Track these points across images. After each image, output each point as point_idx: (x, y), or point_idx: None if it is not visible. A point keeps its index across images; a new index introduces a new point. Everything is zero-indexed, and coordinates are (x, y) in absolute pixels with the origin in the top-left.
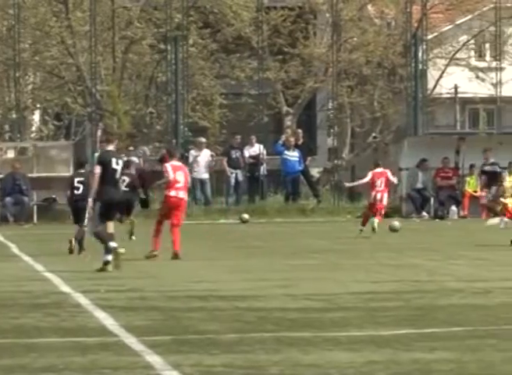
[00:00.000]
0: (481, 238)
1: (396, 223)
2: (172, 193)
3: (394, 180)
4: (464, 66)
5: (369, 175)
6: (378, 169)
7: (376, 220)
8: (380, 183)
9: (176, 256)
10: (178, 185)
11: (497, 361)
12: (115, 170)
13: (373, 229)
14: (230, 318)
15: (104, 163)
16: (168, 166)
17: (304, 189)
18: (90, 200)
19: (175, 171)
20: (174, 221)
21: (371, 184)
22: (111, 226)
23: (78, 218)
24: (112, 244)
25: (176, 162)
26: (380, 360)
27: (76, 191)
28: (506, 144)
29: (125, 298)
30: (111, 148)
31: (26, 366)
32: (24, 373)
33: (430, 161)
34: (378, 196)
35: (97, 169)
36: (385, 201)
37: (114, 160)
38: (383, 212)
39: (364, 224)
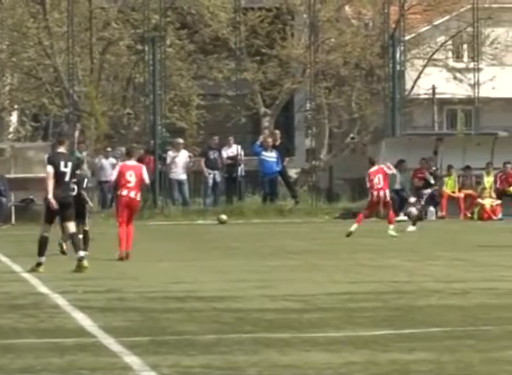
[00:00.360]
0: (460, 239)
1: None
2: (124, 192)
3: (391, 171)
4: (441, 66)
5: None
6: (374, 168)
7: (391, 227)
8: (379, 181)
9: (126, 256)
10: (129, 185)
11: (475, 362)
12: (63, 173)
13: (392, 236)
14: (208, 319)
15: (54, 165)
16: (119, 166)
17: (282, 190)
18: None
19: (126, 171)
20: (126, 220)
21: (370, 184)
22: (71, 227)
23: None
24: (80, 253)
25: (130, 162)
26: (358, 361)
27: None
28: (484, 144)
29: (103, 299)
30: (61, 150)
31: (3, 367)
32: (2, 374)
33: (408, 162)
34: (381, 194)
35: (49, 169)
36: (388, 197)
37: (62, 163)
38: (391, 208)
39: (358, 222)
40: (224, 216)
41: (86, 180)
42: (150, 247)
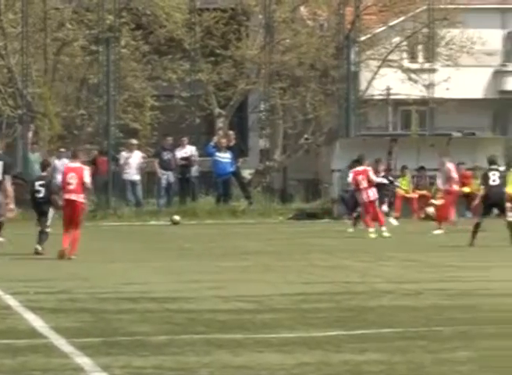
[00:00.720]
0: (413, 239)
1: None
2: (66, 196)
3: (375, 179)
4: (396, 67)
5: (350, 175)
6: (359, 168)
7: (383, 228)
8: (361, 180)
9: (61, 255)
10: (70, 187)
11: (427, 362)
12: None
13: (385, 237)
14: (160, 320)
15: None
16: (63, 168)
17: (236, 191)
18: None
19: (68, 173)
20: (68, 223)
21: (356, 184)
22: None
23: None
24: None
25: (73, 164)
26: (311, 362)
27: (37, 195)
28: (438, 145)
29: (55, 300)
30: None
31: None
32: None
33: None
34: (370, 194)
35: None
36: (372, 197)
37: None
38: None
39: (368, 225)
40: (177, 217)
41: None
42: (102, 247)
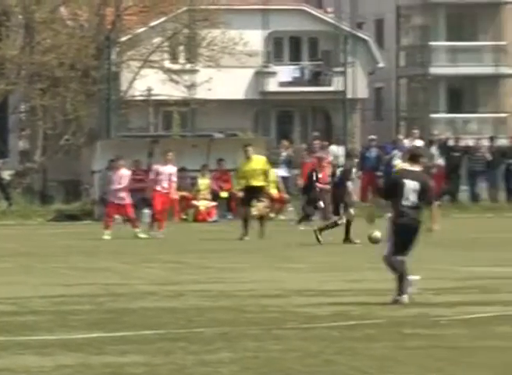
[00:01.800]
0: (175, 241)
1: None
2: None
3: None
4: (157, 68)
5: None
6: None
7: (137, 230)
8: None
9: None
10: None
11: (188, 364)
12: None
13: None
14: None
15: None
16: None
17: None
18: None
19: None
20: None
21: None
22: None
23: None
24: None
25: None
26: (71, 364)
27: None
28: (200, 146)
29: None
30: None
31: None
32: None
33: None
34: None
35: None
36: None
37: None
38: None
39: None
40: None
41: None
42: None
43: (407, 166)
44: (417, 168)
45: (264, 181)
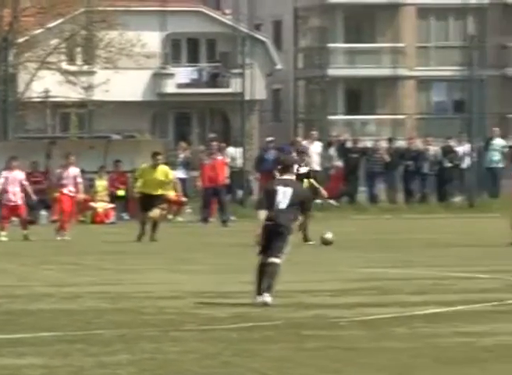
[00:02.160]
0: (72, 243)
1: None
2: None
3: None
4: (55, 69)
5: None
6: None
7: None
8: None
9: None
10: None
11: (87, 366)
12: None
13: None
14: None
15: None
16: None
17: None
18: None
19: None
20: None
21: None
22: None
23: None
24: None
25: None
26: None
27: None
28: (97, 148)
29: None
30: None
31: None
32: None
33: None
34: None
35: None
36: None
37: None
38: None
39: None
40: None
41: None
42: None
43: (280, 176)
44: (290, 176)
45: (163, 190)
